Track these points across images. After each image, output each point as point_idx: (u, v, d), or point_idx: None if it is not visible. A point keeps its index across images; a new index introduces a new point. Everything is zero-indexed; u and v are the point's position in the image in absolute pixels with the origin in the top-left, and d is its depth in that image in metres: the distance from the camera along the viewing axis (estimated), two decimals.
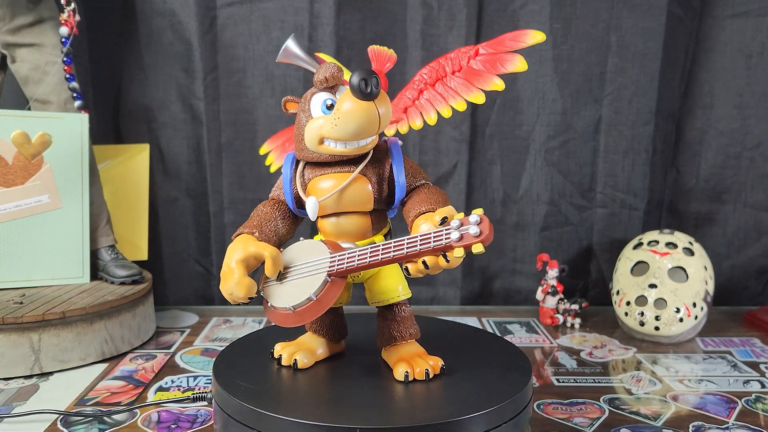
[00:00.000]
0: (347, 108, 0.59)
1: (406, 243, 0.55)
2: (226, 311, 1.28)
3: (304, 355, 0.68)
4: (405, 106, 0.73)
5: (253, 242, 0.62)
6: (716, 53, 1.27)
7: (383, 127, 0.61)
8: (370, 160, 0.64)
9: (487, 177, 1.33)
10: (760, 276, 1.35)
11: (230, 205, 1.32)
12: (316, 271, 0.60)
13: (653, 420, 0.79)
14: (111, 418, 0.79)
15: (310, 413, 0.56)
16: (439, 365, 0.64)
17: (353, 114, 0.59)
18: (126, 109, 1.30)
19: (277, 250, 0.62)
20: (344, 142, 0.61)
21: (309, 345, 0.70)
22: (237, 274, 0.59)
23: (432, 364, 0.64)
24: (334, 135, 0.61)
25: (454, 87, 0.70)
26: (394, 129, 0.74)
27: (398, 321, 0.66)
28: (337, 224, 0.65)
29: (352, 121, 0.59)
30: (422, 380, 0.62)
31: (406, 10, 1.25)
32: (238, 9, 1.24)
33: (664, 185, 1.34)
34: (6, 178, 1.05)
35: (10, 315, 0.91)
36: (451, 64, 0.71)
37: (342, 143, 0.61)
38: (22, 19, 1.06)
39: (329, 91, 0.63)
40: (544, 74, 1.27)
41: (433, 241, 0.54)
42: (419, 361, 0.64)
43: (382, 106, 0.60)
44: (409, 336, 0.66)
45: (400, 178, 0.64)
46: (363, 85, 0.57)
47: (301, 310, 0.59)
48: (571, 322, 1.19)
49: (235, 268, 0.59)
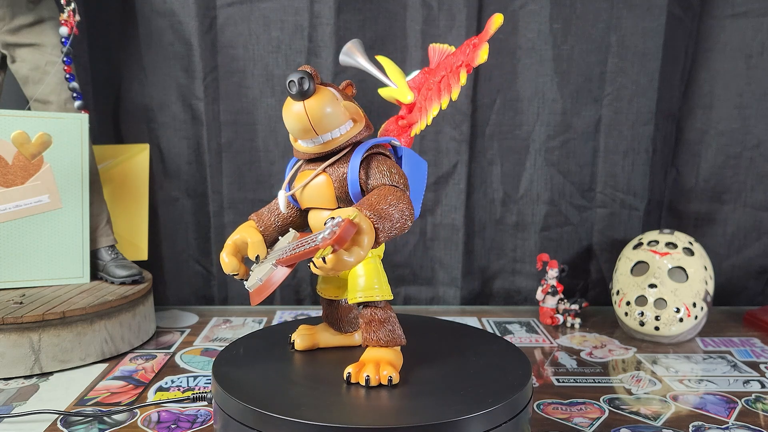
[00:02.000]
0: (283, 108, 0.63)
1: (304, 242, 0.58)
2: (226, 311, 1.28)
3: (304, 338, 0.73)
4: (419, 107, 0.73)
5: (245, 229, 0.69)
6: (716, 53, 1.27)
7: (317, 124, 0.62)
8: (342, 159, 0.65)
9: (487, 177, 1.33)
10: (760, 276, 1.35)
11: (230, 205, 1.32)
12: (271, 259, 0.65)
13: (653, 420, 0.79)
14: (111, 418, 0.79)
15: (310, 413, 0.56)
16: (386, 378, 0.61)
17: (284, 113, 0.63)
18: (126, 109, 1.30)
19: (259, 237, 0.68)
20: (307, 140, 0.64)
21: (319, 332, 0.74)
22: (225, 251, 0.67)
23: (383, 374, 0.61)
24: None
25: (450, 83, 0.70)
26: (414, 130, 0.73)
27: (367, 322, 0.64)
28: (311, 218, 0.68)
29: (286, 120, 0.63)
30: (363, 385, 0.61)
31: (406, 10, 1.25)
32: (238, 9, 1.24)
33: (664, 185, 1.34)
34: (6, 178, 1.05)
35: (10, 315, 0.91)
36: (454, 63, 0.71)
37: (305, 141, 0.64)
38: (22, 19, 1.06)
39: None
40: (544, 74, 1.27)
41: (311, 241, 0.56)
42: (368, 367, 0.62)
43: (313, 106, 0.61)
44: (375, 341, 0.64)
45: (351, 176, 0.64)
46: (290, 86, 0.60)
47: (254, 290, 0.64)
48: (571, 322, 1.19)
49: (225, 247, 0.68)
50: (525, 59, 1.27)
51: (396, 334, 0.64)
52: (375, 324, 0.64)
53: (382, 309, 0.64)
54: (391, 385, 0.61)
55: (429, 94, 0.71)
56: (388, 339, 0.64)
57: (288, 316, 1.25)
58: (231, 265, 0.67)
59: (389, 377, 0.61)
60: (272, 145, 1.29)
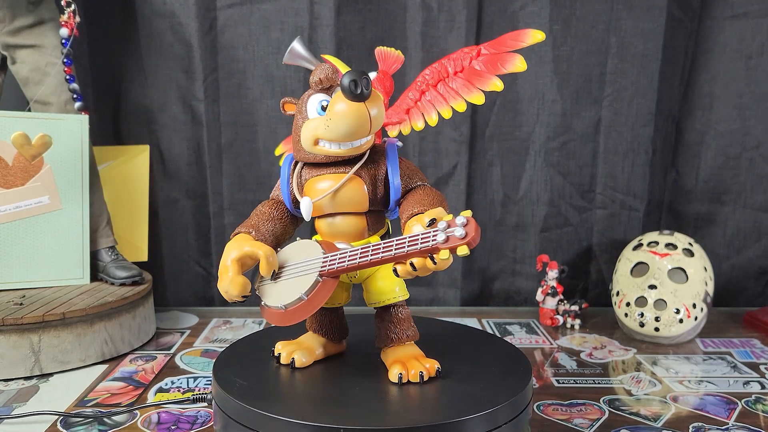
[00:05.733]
0: (338, 109, 0.59)
1: (394, 244, 0.56)
2: (226, 312, 1.28)
3: (303, 354, 0.68)
4: (407, 107, 0.73)
5: (248, 241, 0.62)
6: (716, 54, 1.27)
7: (375, 127, 0.61)
8: (366, 161, 0.64)
9: (487, 178, 1.33)
10: (760, 277, 1.35)
11: (230, 206, 1.32)
12: (309, 271, 0.60)
13: (653, 421, 0.79)
14: (111, 419, 0.79)
15: (310, 414, 0.56)
16: (435, 368, 0.64)
17: (344, 115, 0.59)
18: (126, 110, 1.30)
19: (271, 249, 0.62)
20: (338, 143, 0.62)
21: (309, 344, 0.70)
22: (231, 272, 0.60)
23: (428, 367, 0.63)
24: (327, 136, 0.61)
25: (455, 87, 0.70)
26: (397, 130, 0.74)
27: (395, 322, 0.66)
28: (333, 225, 0.65)
29: (343, 122, 0.60)
30: (416, 383, 0.62)
31: (406, 11, 1.25)
32: (238, 10, 1.24)
33: (664, 186, 1.34)
34: (6, 180, 1.05)
35: (11, 316, 0.91)
36: (453, 65, 0.71)
37: (336, 144, 0.62)
38: (22, 20, 1.06)
39: (325, 92, 0.63)
40: (543, 75, 1.27)
41: (420, 242, 0.54)
42: (414, 363, 0.63)
43: (373, 107, 0.60)
44: (406, 338, 0.66)
45: (395, 180, 0.64)
46: (353, 86, 0.57)
47: (292, 309, 0.59)
48: (571, 323, 1.19)
49: (230, 267, 0.60)
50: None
51: (416, 329, 0.68)
52: (404, 322, 0.66)
53: (404, 308, 0.67)
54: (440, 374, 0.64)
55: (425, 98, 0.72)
56: (413, 334, 0.67)
57: None
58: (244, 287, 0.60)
59: (438, 368, 0.64)
60: (272, 146, 1.29)
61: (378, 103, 0.61)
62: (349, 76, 0.57)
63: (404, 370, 0.63)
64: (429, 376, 0.63)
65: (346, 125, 0.60)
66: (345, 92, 0.58)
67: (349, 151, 0.62)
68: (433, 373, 0.63)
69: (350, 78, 0.57)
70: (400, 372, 0.62)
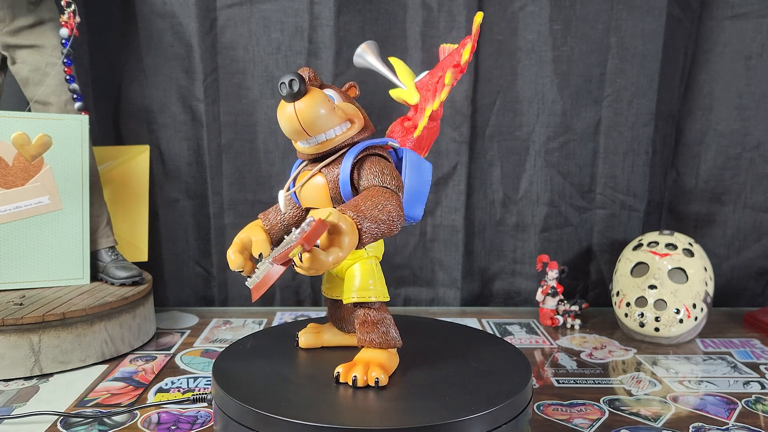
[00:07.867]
0: (277, 110, 0.64)
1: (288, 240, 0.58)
2: (226, 312, 1.28)
3: (309, 336, 0.74)
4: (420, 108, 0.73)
5: (252, 227, 0.70)
6: (716, 54, 1.27)
7: (308, 125, 0.62)
8: (337, 159, 0.65)
9: (486, 178, 1.33)
10: (760, 277, 1.35)
11: (230, 207, 1.32)
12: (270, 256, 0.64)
13: (653, 421, 0.79)
14: (111, 419, 0.79)
15: (310, 414, 0.56)
16: (373, 379, 0.61)
17: (278, 115, 0.64)
18: (126, 110, 1.30)
19: (263, 235, 0.69)
20: (303, 141, 0.65)
21: (324, 331, 0.75)
22: (230, 249, 0.68)
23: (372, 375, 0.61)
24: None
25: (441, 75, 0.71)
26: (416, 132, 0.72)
27: (360, 323, 0.64)
28: None
29: (279, 122, 0.64)
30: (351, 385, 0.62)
31: (406, 11, 1.25)
32: (238, 10, 1.24)
33: (664, 186, 1.35)
34: (6, 180, 1.05)
35: (10, 316, 0.91)
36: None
37: (302, 142, 0.65)
38: (22, 20, 1.06)
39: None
40: (543, 75, 1.27)
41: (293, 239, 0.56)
42: (358, 367, 0.62)
43: (301, 104, 0.61)
44: (368, 342, 0.64)
45: (343, 176, 0.64)
46: (279, 87, 0.60)
47: (253, 287, 0.63)
48: (571, 324, 1.19)
49: (232, 245, 0.69)
50: (525, 60, 1.27)
51: (390, 336, 0.64)
52: (368, 325, 0.64)
53: (377, 310, 0.64)
54: (378, 386, 0.61)
55: (427, 95, 0.71)
56: (381, 341, 0.64)
57: (288, 317, 1.25)
58: (236, 262, 0.67)
59: (376, 378, 0.61)
60: (272, 147, 1.29)
61: (311, 102, 0.61)
62: (281, 78, 0.60)
63: (345, 370, 0.63)
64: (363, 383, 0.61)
65: (280, 125, 0.64)
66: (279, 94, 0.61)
67: (313, 148, 0.65)
68: (371, 382, 0.61)
69: (280, 80, 0.60)
70: (338, 371, 0.63)
